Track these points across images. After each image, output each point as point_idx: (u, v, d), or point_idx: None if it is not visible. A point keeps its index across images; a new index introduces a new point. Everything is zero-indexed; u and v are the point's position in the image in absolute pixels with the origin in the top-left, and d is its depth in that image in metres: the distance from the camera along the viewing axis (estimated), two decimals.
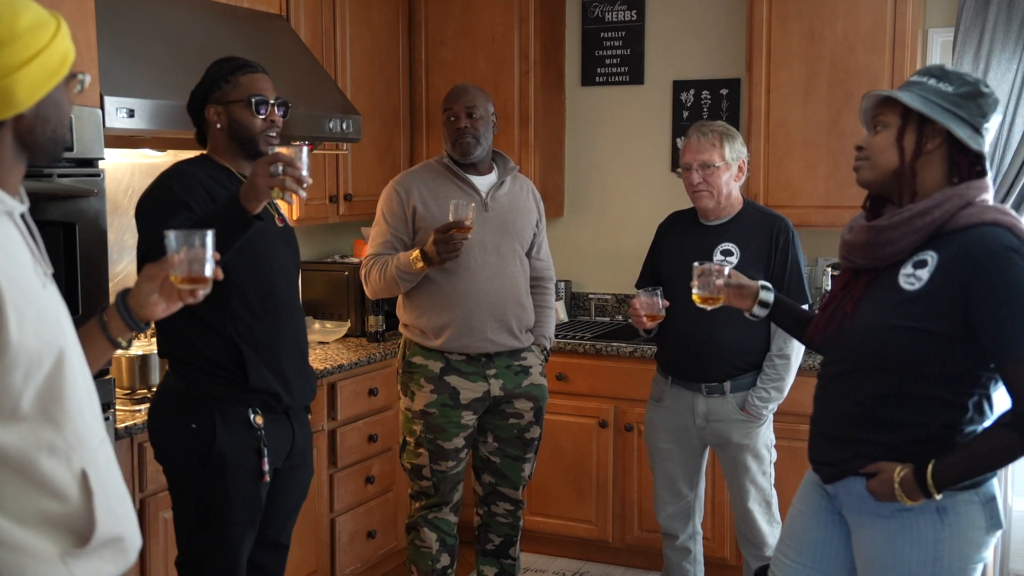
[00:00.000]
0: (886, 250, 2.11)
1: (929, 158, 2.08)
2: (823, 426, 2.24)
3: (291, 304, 2.70)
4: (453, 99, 3.33)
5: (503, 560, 3.58)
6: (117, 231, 3.53)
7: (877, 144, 2.12)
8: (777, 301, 2.55)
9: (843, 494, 2.18)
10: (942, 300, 2.00)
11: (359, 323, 4.30)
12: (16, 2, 1.50)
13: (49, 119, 1.56)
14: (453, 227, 3.06)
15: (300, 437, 2.72)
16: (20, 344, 1.45)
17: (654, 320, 2.97)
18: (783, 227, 3.25)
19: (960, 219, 2.03)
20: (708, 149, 3.20)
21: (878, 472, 2.08)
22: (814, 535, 2.27)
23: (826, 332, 2.22)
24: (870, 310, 2.12)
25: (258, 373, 2.55)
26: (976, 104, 2.06)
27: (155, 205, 2.50)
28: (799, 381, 3.32)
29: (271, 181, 2.24)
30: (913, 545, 2.07)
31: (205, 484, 2.53)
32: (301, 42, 3.87)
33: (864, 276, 2.17)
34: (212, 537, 2.57)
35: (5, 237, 1.50)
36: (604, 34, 4.71)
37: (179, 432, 2.53)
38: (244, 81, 2.57)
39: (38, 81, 1.50)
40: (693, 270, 2.56)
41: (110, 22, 2.91)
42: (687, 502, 3.41)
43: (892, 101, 2.10)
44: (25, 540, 1.47)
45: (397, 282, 3.25)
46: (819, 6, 4.01)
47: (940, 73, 2.08)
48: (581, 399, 4.24)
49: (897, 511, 2.08)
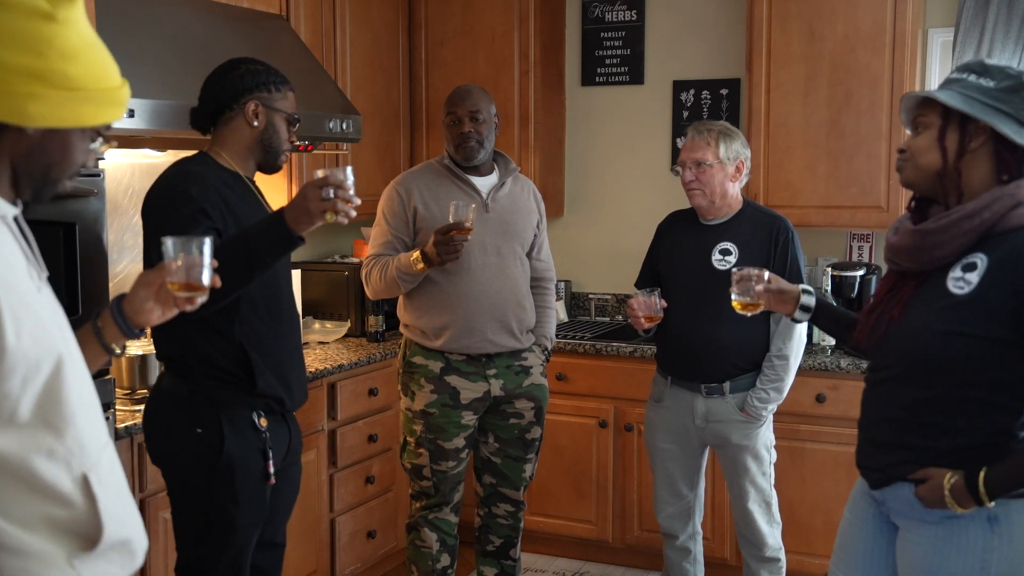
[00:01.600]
0: (934, 253, 2.03)
1: (974, 157, 2.01)
2: (870, 431, 2.18)
3: (291, 309, 2.71)
4: (457, 102, 3.31)
5: (503, 561, 3.57)
6: (117, 231, 3.53)
7: (918, 145, 2.06)
8: (819, 305, 2.49)
9: (891, 499, 2.13)
10: (993, 304, 1.94)
11: (359, 323, 4.30)
12: (91, 45, 1.51)
13: (49, 153, 1.51)
14: (453, 228, 3.06)
15: (295, 437, 2.73)
16: (17, 349, 1.44)
17: (652, 321, 2.97)
18: (782, 227, 3.25)
19: (1011, 220, 1.96)
20: (702, 147, 3.20)
21: (927, 478, 2.02)
22: (864, 546, 2.22)
23: (873, 336, 2.15)
24: (918, 314, 2.05)
25: (265, 378, 2.55)
26: (1021, 97, 1.98)
27: (175, 212, 2.44)
28: (798, 381, 3.32)
29: (323, 205, 2.25)
30: (960, 553, 2.01)
31: (213, 488, 2.51)
32: (301, 42, 3.87)
33: (911, 279, 2.10)
34: (218, 541, 2.55)
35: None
36: (604, 34, 4.71)
37: (183, 436, 2.52)
38: (291, 97, 2.63)
39: (58, 111, 1.46)
40: (731, 276, 2.52)
41: (110, 22, 2.91)
42: (687, 502, 3.41)
43: (931, 101, 2.03)
44: (31, 544, 1.47)
45: (398, 283, 3.26)
46: (819, 6, 4.01)
47: (980, 68, 2.01)
48: (581, 399, 4.24)
49: (945, 518, 2.01)
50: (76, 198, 2.70)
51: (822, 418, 3.80)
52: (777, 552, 3.36)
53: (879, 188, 3.96)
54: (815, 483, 3.86)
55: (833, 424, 3.75)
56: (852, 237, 4.32)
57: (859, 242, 4.30)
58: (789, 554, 3.49)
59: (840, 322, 2.49)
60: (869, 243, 4.29)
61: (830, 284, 4.07)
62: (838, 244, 4.35)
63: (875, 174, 3.96)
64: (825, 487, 3.83)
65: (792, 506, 3.83)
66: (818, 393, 3.79)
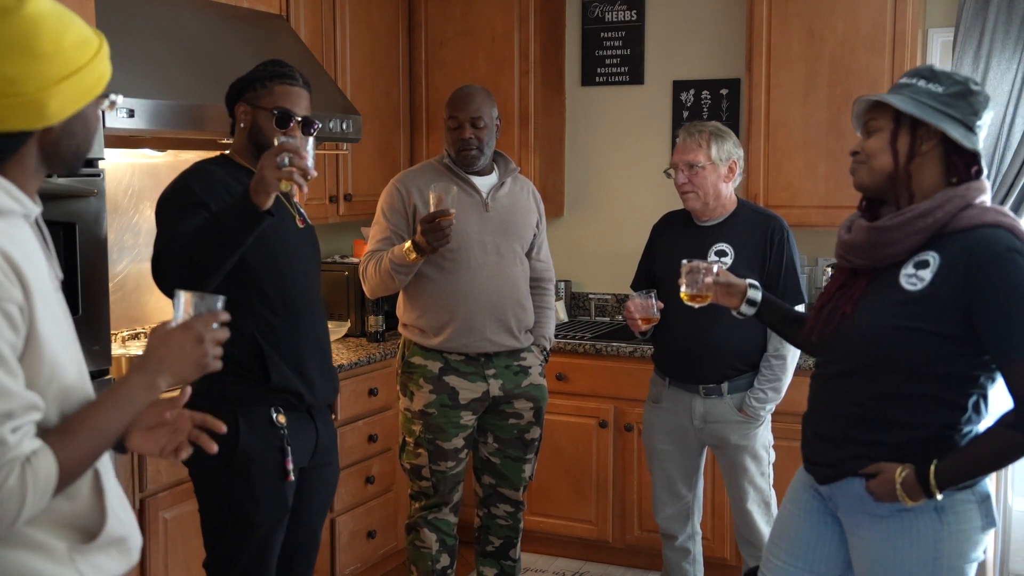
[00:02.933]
0: (888, 250, 2.10)
1: (924, 160, 2.08)
2: (819, 426, 2.24)
3: (312, 303, 2.70)
4: (459, 106, 3.30)
5: (503, 562, 3.57)
6: (117, 231, 3.53)
7: (871, 148, 2.12)
8: (765, 300, 2.54)
9: (839, 495, 2.18)
10: (945, 301, 2.01)
11: (359, 323, 4.30)
12: (64, 17, 1.51)
13: (75, 134, 1.56)
14: (438, 215, 3.02)
15: (324, 435, 2.71)
16: (46, 341, 1.46)
17: (649, 323, 2.97)
18: (777, 226, 3.25)
19: (961, 220, 2.04)
20: (694, 149, 3.20)
21: (878, 472, 2.08)
22: (806, 536, 2.26)
23: (824, 332, 2.21)
24: (871, 310, 2.11)
25: (279, 372, 2.55)
26: (967, 102, 2.05)
27: (175, 204, 2.51)
28: (796, 381, 3.32)
29: (278, 173, 2.27)
30: (913, 545, 2.07)
31: (230, 485, 2.53)
32: (301, 42, 3.87)
33: (863, 276, 2.16)
34: (239, 538, 2.56)
35: (25, 240, 1.51)
36: (604, 34, 4.72)
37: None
38: (277, 91, 2.57)
39: (72, 98, 1.50)
40: (681, 268, 2.56)
41: (110, 22, 2.91)
42: (686, 503, 3.41)
43: (883, 105, 2.10)
44: (34, 537, 1.48)
45: (392, 275, 3.23)
46: (819, 6, 4.01)
47: (929, 74, 2.08)
48: (581, 399, 4.24)
49: (896, 511, 2.08)
50: (76, 198, 2.70)
51: None
52: None
53: None
54: None
55: None
56: None
57: None
58: None
59: (785, 318, 2.55)
60: None
61: None
62: None
63: None
64: None
65: None
66: None
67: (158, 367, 1.59)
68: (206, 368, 1.64)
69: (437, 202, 3.02)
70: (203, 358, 1.63)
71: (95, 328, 2.75)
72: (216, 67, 3.24)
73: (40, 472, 1.42)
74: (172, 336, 1.61)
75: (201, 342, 1.62)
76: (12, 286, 1.42)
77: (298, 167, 2.27)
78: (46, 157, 1.54)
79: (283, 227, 2.57)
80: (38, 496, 1.42)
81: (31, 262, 1.48)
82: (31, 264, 1.47)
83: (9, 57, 1.44)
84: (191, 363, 1.62)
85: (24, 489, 1.40)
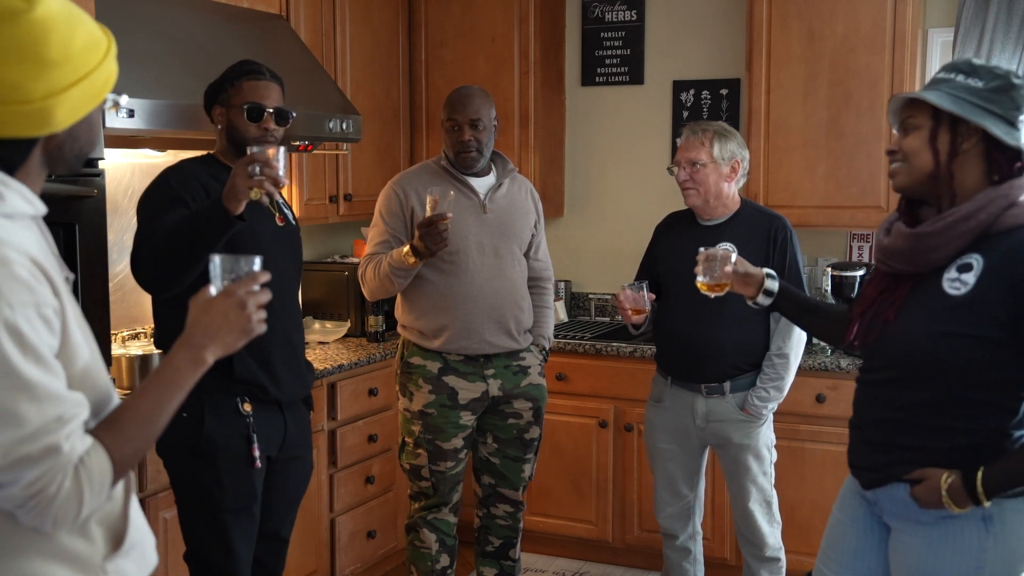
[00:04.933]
0: (930, 256, 2.02)
1: (966, 158, 1.99)
2: (865, 431, 2.16)
3: (285, 301, 2.72)
4: (458, 107, 3.29)
5: (503, 562, 3.57)
6: (117, 231, 3.53)
7: (909, 146, 2.03)
8: (782, 289, 2.48)
9: (884, 500, 2.12)
10: (991, 304, 1.94)
11: (359, 323, 4.30)
12: (73, 19, 1.45)
13: (79, 137, 1.53)
14: (435, 219, 3.01)
15: (293, 429, 2.75)
16: (78, 341, 1.46)
17: (639, 314, 2.97)
18: (780, 226, 3.25)
19: (1005, 220, 1.96)
20: (696, 147, 3.20)
21: (923, 478, 2.01)
22: (854, 545, 2.21)
23: (867, 339, 2.13)
24: (915, 317, 2.04)
25: (244, 365, 2.59)
26: (1009, 97, 1.97)
27: (153, 200, 2.58)
28: (798, 381, 3.32)
29: (249, 182, 2.32)
30: (955, 554, 2.00)
31: (197, 472, 2.60)
32: (301, 42, 3.87)
33: (905, 282, 2.08)
34: (208, 526, 2.63)
35: (40, 242, 1.50)
36: (604, 34, 4.71)
37: (172, 422, 2.55)
38: (246, 87, 2.63)
39: (79, 104, 1.47)
40: (698, 256, 2.51)
41: (110, 22, 2.88)
42: (687, 502, 3.41)
43: (920, 102, 2.01)
44: (70, 546, 1.47)
45: (391, 279, 3.23)
46: (819, 6, 4.01)
47: (968, 68, 2.00)
48: (581, 399, 4.24)
49: (940, 518, 2.01)
50: (76, 198, 2.70)
51: (822, 418, 3.80)
52: (777, 552, 3.36)
53: (879, 188, 3.96)
54: (815, 483, 3.86)
55: (833, 424, 3.75)
56: (852, 237, 4.32)
57: (859, 242, 4.30)
58: (789, 554, 3.49)
59: (802, 308, 2.49)
60: (869, 243, 4.29)
61: (830, 284, 4.07)
62: (838, 244, 4.36)
63: (875, 174, 3.96)
64: (825, 487, 3.82)
65: (792, 506, 3.83)
66: (818, 393, 3.79)
67: (203, 339, 1.53)
68: (252, 333, 1.57)
69: (433, 206, 3.02)
70: (247, 323, 1.56)
71: (95, 328, 2.73)
72: (216, 67, 3.22)
73: (94, 471, 1.41)
74: (214, 305, 1.54)
75: (244, 307, 1.54)
76: (45, 290, 1.41)
77: (268, 176, 2.32)
78: (49, 160, 1.53)
79: (260, 226, 2.60)
80: (95, 494, 1.42)
81: (50, 264, 1.48)
82: (51, 266, 1.47)
83: (16, 63, 1.39)
84: (236, 330, 1.55)
85: (80, 490, 1.40)
